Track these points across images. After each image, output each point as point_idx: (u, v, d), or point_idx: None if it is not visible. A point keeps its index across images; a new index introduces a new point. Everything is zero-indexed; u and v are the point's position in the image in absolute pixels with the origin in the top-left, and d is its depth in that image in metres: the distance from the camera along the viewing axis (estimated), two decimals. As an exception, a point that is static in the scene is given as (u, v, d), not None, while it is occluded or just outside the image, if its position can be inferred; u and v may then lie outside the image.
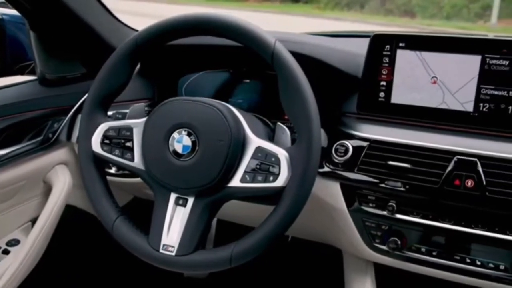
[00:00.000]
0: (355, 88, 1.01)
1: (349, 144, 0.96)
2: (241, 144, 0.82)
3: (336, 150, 0.96)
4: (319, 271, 1.59)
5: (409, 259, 0.95)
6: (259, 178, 0.80)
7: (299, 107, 0.80)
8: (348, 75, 1.02)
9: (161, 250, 0.84)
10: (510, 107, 0.90)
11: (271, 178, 0.79)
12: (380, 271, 1.10)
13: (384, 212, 0.94)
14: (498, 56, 0.90)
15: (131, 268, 1.45)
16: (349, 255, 1.13)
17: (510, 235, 0.87)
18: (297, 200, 0.78)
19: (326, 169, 0.98)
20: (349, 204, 0.97)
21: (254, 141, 0.83)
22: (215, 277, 1.74)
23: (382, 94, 0.98)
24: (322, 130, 0.94)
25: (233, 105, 1.15)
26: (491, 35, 0.97)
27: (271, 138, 0.89)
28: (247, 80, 1.16)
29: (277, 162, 0.79)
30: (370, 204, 0.96)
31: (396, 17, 12.08)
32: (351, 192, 0.97)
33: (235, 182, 0.82)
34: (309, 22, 10.51)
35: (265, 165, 0.80)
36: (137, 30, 1.21)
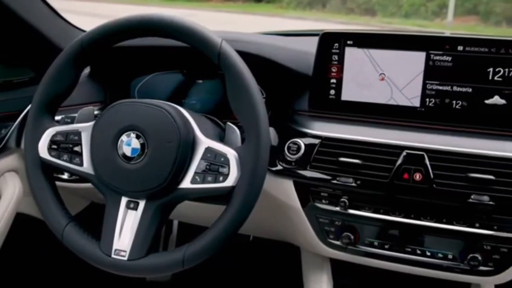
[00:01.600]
0: (306, 86, 1.02)
1: (301, 142, 0.96)
2: (190, 145, 0.82)
3: (288, 148, 0.97)
4: (280, 269, 1.60)
5: (363, 253, 0.96)
6: (209, 178, 0.80)
7: (246, 107, 0.80)
8: (299, 74, 1.03)
9: (113, 255, 0.83)
10: (454, 102, 0.93)
11: (221, 178, 0.79)
12: (338, 265, 1.12)
13: (337, 208, 0.95)
14: (441, 53, 0.92)
15: (89, 275, 1.42)
16: (306, 252, 1.14)
17: (457, 226, 0.90)
18: (247, 199, 0.79)
19: (279, 167, 0.98)
20: (302, 201, 0.98)
21: (204, 142, 0.83)
22: (178, 280, 1.73)
23: (332, 92, 0.99)
24: (272, 129, 0.95)
25: (187, 106, 1.16)
26: (447, 33, 0.99)
27: (222, 138, 0.89)
28: (200, 81, 1.16)
29: (226, 162, 0.80)
30: (323, 201, 0.97)
31: (357, 15, 12.29)
32: (304, 189, 0.98)
33: (186, 183, 0.82)
34: (272, 21, 10.58)
35: (214, 165, 0.80)
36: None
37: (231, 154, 0.80)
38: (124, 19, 0.86)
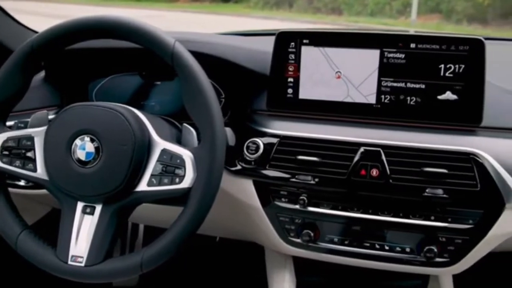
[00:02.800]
0: (264, 86, 1.02)
1: (260, 141, 0.96)
2: (146, 148, 0.81)
3: (247, 148, 0.97)
4: (246, 269, 1.60)
5: (324, 250, 0.97)
6: (166, 180, 0.80)
7: (200, 107, 0.80)
8: (256, 73, 1.03)
9: (69, 262, 0.82)
10: (408, 98, 0.95)
11: (177, 180, 0.79)
12: (301, 263, 1.13)
13: (297, 206, 0.96)
14: (395, 50, 0.94)
15: (50, 282, 1.39)
16: (269, 251, 1.15)
17: (413, 219, 0.92)
18: (204, 200, 0.78)
19: (238, 167, 0.98)
20: (263, 200, 0.98)
21: (160, 144, 0.82)
22: (145, 283, 1.71)
23: (290, 91, 1.00)
24: (228, 129, 0.95)
25: (147, 108, 1.15)
26: (412, 31, 1.01)
27: (179, 139, 0.88)
28: (159, 82, 1.14)
29: (182, 163, 0.79)
30: (283, 199, 0.97)
31: (324, 15, 12.42)
32: (264, 188, 0.98)
33: (142, 186, 0.81)
34: (239, 21, 10.58)
35: (170, 167, 0.80)
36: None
37: (187, 155, 0.79)
38: (76, 21, 0.85)
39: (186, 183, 0.79)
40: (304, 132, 0.96)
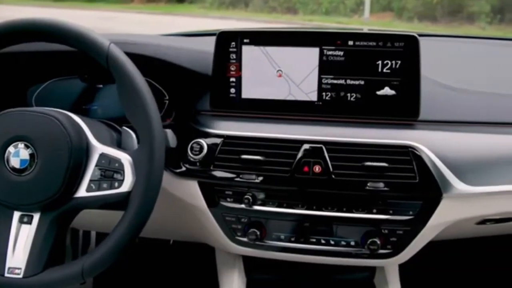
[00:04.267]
0: (207, 86, 1.02)
1: (204, 142, 0.96)
2: (83, 153, 0.80)
3: (191, 148, 0.96)
4: (200, 270, 1.60)
5: (270, 248, 0.98)
6: (105, 185, 0.79)
7: (137, 110, 0.79)
8: (198, 74, 1.03)
9: (6, 274, 0.79)
10: (349, 94, 0.97)
11: (116, 184, 0.78)
12: (251, 262, 1.13)
13: (242, 205, 0.96)
14: (333, 48, 0.95)
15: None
16: (219, 251, 1.14)
17: (356, 213, 0.94)
18: (144, 203, 0.77)
19: (183, 168, 0.97)
20: (208, 201, 0.98)
21: (98, 148, 0.80)
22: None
23: (232, 90, 1.00)
24: (169, 131, 0.95)
25: (89, 112, 1.12)
26: (365, 29, 1.03)
27: (119, 143, 0.87)
28: (100, 85, 1.12)
29: (121, 167, 0.78)
30: (228, 199, 0.97)
31: (279, 14, 12.52)
32: (209, 189, 0.98)
33: (81, 192, 0.80)
34: (194, 22, 10.51)
35: (109, 171, 0.79)
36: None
37: (125, 158, 0.78)
38: (5, 23, 0.82)
39: (125, 187, 0.77)
40: (247, 132, 0.96)
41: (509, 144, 0.97)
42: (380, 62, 0.95)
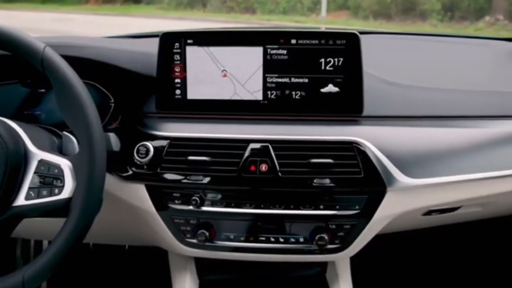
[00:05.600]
0: (153, 88, 1.01)
1: (150, 144, 0.95)
2: (21, 160, 0.77)
3: (138, 151, 0.95)
4: (155, 274, 1.58)
5: (220, 248, 0.98)
6: (44, 192, 0.76)
7: (76, 114, 0.77)
8: (143, 76, 1.01)
9: None
10: (293, 93, 0.98)
11: (56, 190, 0.76)
12: (204, 263, 1.12)
13: (190, 207, 0.95)
14: (277, 47, 0.96)
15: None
16: (171, 253, 1.13)
17: (304, 210, 0.95)
18: (86, 209, 0.75)
19: (130, 172, 0.96)
20: (156, 204, 0.97)
21: (36, 155, 0.78)
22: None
23: (178, 92, 0.99)
24: (112, 134, 0.93)
25: (31, 117, 1.08)
26: (322, 27, 1.03)
27: (60, 149, 0.84)
28: (43, 90, 1.09)
29: (61, 173, 0.76)
30: (176, 201, 0.96)
31: (237, 14, 12.52)
32: (157, 191, 0.96)
33: (20, 200, 0.77)
34: (151, 23, 10.37)
35: (49, 178, 0.76)
36: None
37: (65, 164, 0.76)
38: None
39: (66, 193, 0.75)
40: (194, 133, 0.95)
41: (450, 137, 1.01)
42: (323, 60, 0.96)
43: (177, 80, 0.99)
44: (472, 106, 1.07)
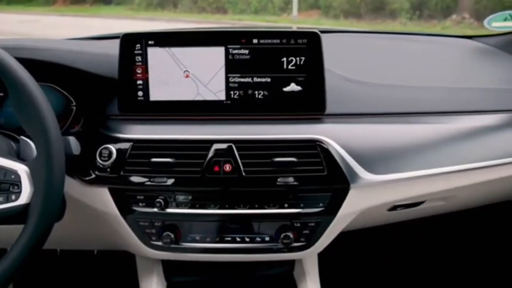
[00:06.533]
0: (115, 90, 1.00)
1: (113, 147, 0.94)
2: None
3: (100, 154, 0.94)
4: (124, 278, 1.56)
5: (186, 250, 0.97)
6: (0, 199, 0.74)
7: (32, 117, 0.75)
8: (104, 78, 1.00)
9: None
10: (256, 92, 0.98)
11: (13, 197, 0.74)
12: (172, 265, 1.12)
13: (155, 209, 0.94)
14: (239, 46, 0.96)
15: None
16: (139, 256, 1.12)
17: (268, 209, 0.95)
18: (44, 215, 0.74)
19: (92, 176, 0.94)
20: (120, 207, 0.96)
21: None
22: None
23: (140, 93, 0.98)
24: (72, 138, 0.91)
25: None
26: (294, 27, 1.03)
27: (18, 154, 0.83)
28: (1, 94, 1.06)
29: (17, 178, 0.74)
30: (140, 204, 0.95)
31: (209, 14, 12.47)
32: (121, 195, 0.95)
33: None
34: (121, 24, 10.23)
35: (5, 184, 0.75)
36: None
37: (22, 169, 0.75)
38: None
39: (23, 199, 0.74)
40: (157, 134, 0.95)
41: (411, 133, 1.03)
42: (285, 59, 0.97)
43: (139, 82, 0.98)
44: (434, 103, 1.09)
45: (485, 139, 1.07)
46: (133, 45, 0.96)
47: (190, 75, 0.97)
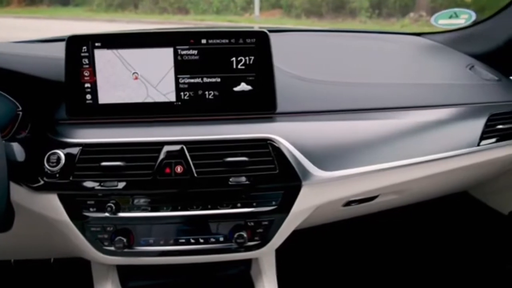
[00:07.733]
0: (63, 94, 0.97)
1: (61, 152, 0.92)
2: None
3: (48, 160, 0.91)
4: (80, 285, 1.54)
5: (140, 254, 0.96)
6: None
7: None
8: (51, 81, 0.98)
9: None
10: (206, 93, 0.98)
11: None
12: (128, 270, 1.10)
13: (106, 214, 0.93)
14: (187, 47, 0.96)
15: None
16: (93, 263, 1.10)
17: (221, 209, 0.95)
18: None
19: (41, 182, 0.92)
20: (70, 213, 0.94)
21: None
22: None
23: (89, 96, 0.96)
24: (15, 144, 0.90)
25: None
26: (256, 27, 1.03)
27: None
28: None
29: None
30: (91, 209, 0.94)
31: (170, 14, 12.35)
32: (70, 201, 0.93)
33: None
34: (80, 26, 9.99)
35: None
36: None
37: None
38: None
39: None
40: (106, 138, 0.93)
41: (362, 129, 1.05)
42: (234, 59, 0.97)
43: (87, 85, 0.96)
44: (384, 99, 1.12)
45: (433, 133, 1.11)
46: (80, 47, 0.95)
47: (139, 77, 0.96)
